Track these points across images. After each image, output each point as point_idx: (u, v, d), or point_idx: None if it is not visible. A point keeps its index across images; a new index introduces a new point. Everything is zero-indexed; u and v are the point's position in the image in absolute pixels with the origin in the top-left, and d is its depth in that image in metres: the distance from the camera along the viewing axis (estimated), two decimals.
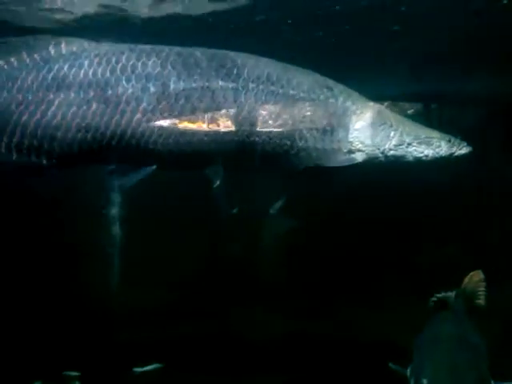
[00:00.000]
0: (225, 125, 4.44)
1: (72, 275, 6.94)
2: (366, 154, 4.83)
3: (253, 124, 4.49)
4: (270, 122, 4.54)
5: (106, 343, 6.39)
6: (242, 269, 7.07)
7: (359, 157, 4.83)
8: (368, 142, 4.82)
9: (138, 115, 4.34)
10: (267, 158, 4.64)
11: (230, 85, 4.47)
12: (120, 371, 5.98)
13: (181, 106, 4.39)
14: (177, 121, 4.41)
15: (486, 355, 4.09)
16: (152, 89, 4.36)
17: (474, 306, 4.71)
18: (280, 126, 4.58)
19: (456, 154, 4.96)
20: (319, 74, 4.88)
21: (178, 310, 7.04)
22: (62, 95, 4.33)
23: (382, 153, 4.84)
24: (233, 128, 4.47)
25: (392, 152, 4.85)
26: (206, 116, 4.43)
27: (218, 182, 4.77)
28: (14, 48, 4.43)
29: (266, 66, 4.68)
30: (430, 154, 4.90)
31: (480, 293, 4.71)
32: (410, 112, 8.00)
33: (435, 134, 4.96)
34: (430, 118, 7.97)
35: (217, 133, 4.44)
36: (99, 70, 4.37)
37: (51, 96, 4.32)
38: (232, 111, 4.46)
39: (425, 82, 6.57)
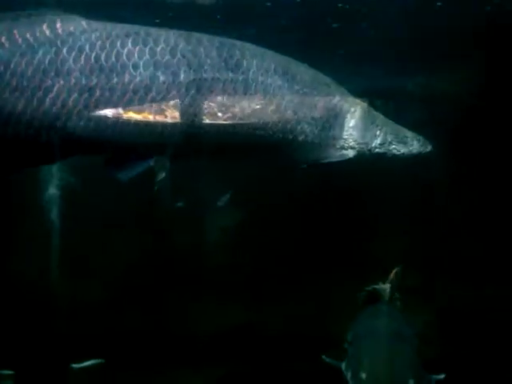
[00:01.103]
0: (234, 116, 4.39)
1: (7, 267, 6.70)
2: (357, 150, 5.00)
3: (259, 117, 4.48)
4: (277, 116, 4.56)
5: (43, 339, 6.21)
6: (187, 262, 7.01)
7: (350, 153, 5.00)
8: (359, 139, 4.99)
9: (146, 105, 4.18)
10: (270, 151, 4.71)
11: (240, 77, 4.40)
12: (57, 368, 5.82)
13: (191, 96, 4.26)
14: (187, 111, 4.28)
15: (419, 348, 4.19)
16: (161, 78, 4.19)
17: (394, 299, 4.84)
18: (284, 120, 4.61)
19: (423, 152, 5.24)
20: None
21: (119, 304, 6.92)
22: (61, 81, 4.06)
23: (369, 150, 5.04)
24: (242, 120, 4.42)
25: (377, 150, 5.06)
26: (216, 107, 4.34)
27: (163, 175, 4.71)
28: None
29: (273, 59, 4.68)
30: (406, 152, 5.16)
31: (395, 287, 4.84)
32: None
33: (409, 133, 5.23)
34: None
35: (229, 124, 4.39)
36: (102, 55, 4.11)
37: (49, 82, 4.04)
38: (242, 103, 4.40)
39: (368, 78, 6.69)
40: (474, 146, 7.00)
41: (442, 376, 4.01)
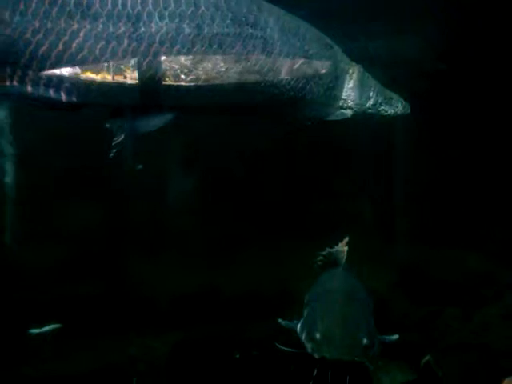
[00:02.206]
0: (254, 72, 4.44)
1: None
2: (354, 111, 5.19)
3: (273, 74, 4.52)
4: (291, 74, 4.63)
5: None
6: (146, 226, 6.94)
7: (349, 113, 5.19)
8: (357, 100, 5.17)
9: (172, 58, 4.11)
10: (280, 108, 4.84)
11: (259, 33, 4.41)
12: (15, 333, 5.74)
13: (213, 51, 4.22)
14: (208, 66, 4.23)
15: (373, 311, 4.25)
16: (187, 30, 4.12)
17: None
18: (297, 78, 4.70)
19: (405, 113, 5.46)
20: None
21: (77, 269, 6.82)
22: (87, 26, 3.88)
23: (364, 111, 5.23)
24: (261, 77, 4.47)
25: (370, 110, 5.26)
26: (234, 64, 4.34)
27: (121, 137, 4.60)
28: None
29: (286, 17, 4.71)
30: (391, 114, 5.37)
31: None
32: None
33: (393, 95, 5.42)
34: None
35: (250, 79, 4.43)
36: (129, 2, 3.97)
37: (75, 26, 3.85)
38: (261, 60, 4.43)
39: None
40: (436, 109, 7.07)
41: (396, 337, 4.05)
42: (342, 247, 4.77)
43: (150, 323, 6.13)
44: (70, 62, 3.95)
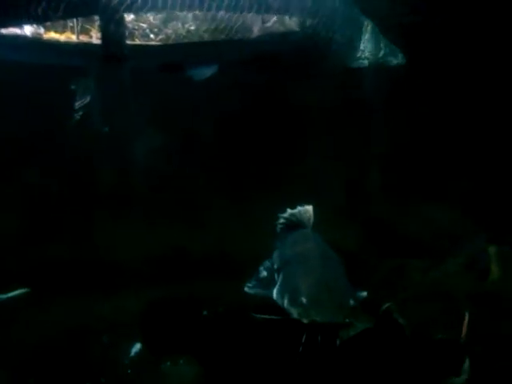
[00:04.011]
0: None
1: None
2: (369, 60, 5.67)
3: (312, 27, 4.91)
4: (319, 25, 5.03)
5: None
6: (114, 187, 6.88)
7: (365, 63, 5.68)
8: (372, 50, 5.68)
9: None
10: (310, 57, 5.31)
11: None
12: None
13: None
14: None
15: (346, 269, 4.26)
16: None
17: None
18: (323, 30, 5.11)
19: (402, 64, 5.98)
20: None
21: (42, 233, 6.75)
22: None
23: (376, 61, 5.73)
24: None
25: (381, 60, 5.75)
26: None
27: (87, 99, 4.55)
28: None
29: None
30: (395, 63, 5.87)
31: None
32: None
33: (393, 46, 5.87)
34: None
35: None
36: None
37: None
38: None
39: None
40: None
41: (364, 294, 4.03)
42: (308, 207, 4.64)
43: (119, 284, 6.15)
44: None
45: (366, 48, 5.63)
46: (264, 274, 4.37)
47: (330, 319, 3.57)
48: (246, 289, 4.21)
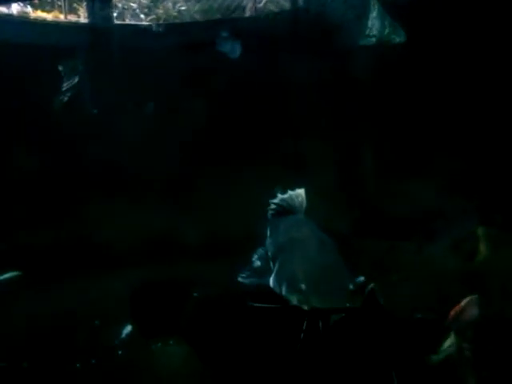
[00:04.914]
0: None
1: None
2: (375, 38, 5.95)
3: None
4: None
5: None
6: (101, 171, 6.83)
7: (373, 40, 5.99)
8: (379, 28, 5.93)
9: None
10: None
11: None
12: None
13: None
14: None
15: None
16: None
17: None
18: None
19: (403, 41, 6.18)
20: None
21: (31, 216, 6.71)
22: None
23: (381, 38, 5.98)
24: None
25: (385, 38, 5.97)
26: None
27: (75, 79, 4.51)
28: None
29: None
30: (397, 41, 6.08)
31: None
32: None
33: (394, 22, 6.02)
34: None
35: None
36: None
37: None
38: None
39: None
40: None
41: (362, 278, 3.93)
42: (300, 191, 4.54)
43: (108, 267, 6.14)
44: None
45: (374, 25, 5.83)
46: (258, 263, 4.27)
47: (331, 304, 3.55)
48: (239, 279, 4.12)
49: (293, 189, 4.57)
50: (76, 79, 4.48)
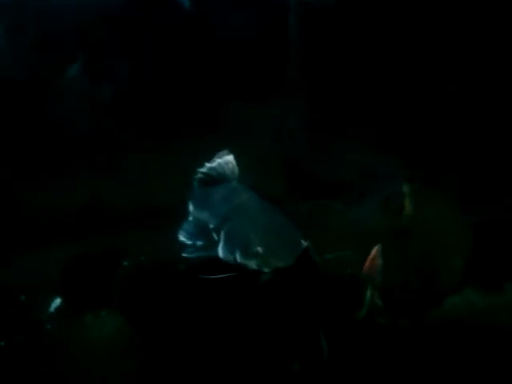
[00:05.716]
0: None
1: None
2: None
3: None
4: None
5: None
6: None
7: None
8: None
9: None
10: None
11: None
12: None
13: None
14: None
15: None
16: None
17: None
18: None
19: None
20: None
21: None
22: None
23: None
24: None
25: None
26: None
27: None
28: None
29: None
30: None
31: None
32: None
33: None
34: None
35: None
36: None
37: None
38: None
39: None
40: None
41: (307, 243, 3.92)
42: (229, 158, 4.35)
43: (35, 239, 5.98)
44: None
45: None
46: (200, 240, 4.12)
47: (291, 263, 3.61)
48: (185, 254, 4.05)
49: (220, 156, 4.38)
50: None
